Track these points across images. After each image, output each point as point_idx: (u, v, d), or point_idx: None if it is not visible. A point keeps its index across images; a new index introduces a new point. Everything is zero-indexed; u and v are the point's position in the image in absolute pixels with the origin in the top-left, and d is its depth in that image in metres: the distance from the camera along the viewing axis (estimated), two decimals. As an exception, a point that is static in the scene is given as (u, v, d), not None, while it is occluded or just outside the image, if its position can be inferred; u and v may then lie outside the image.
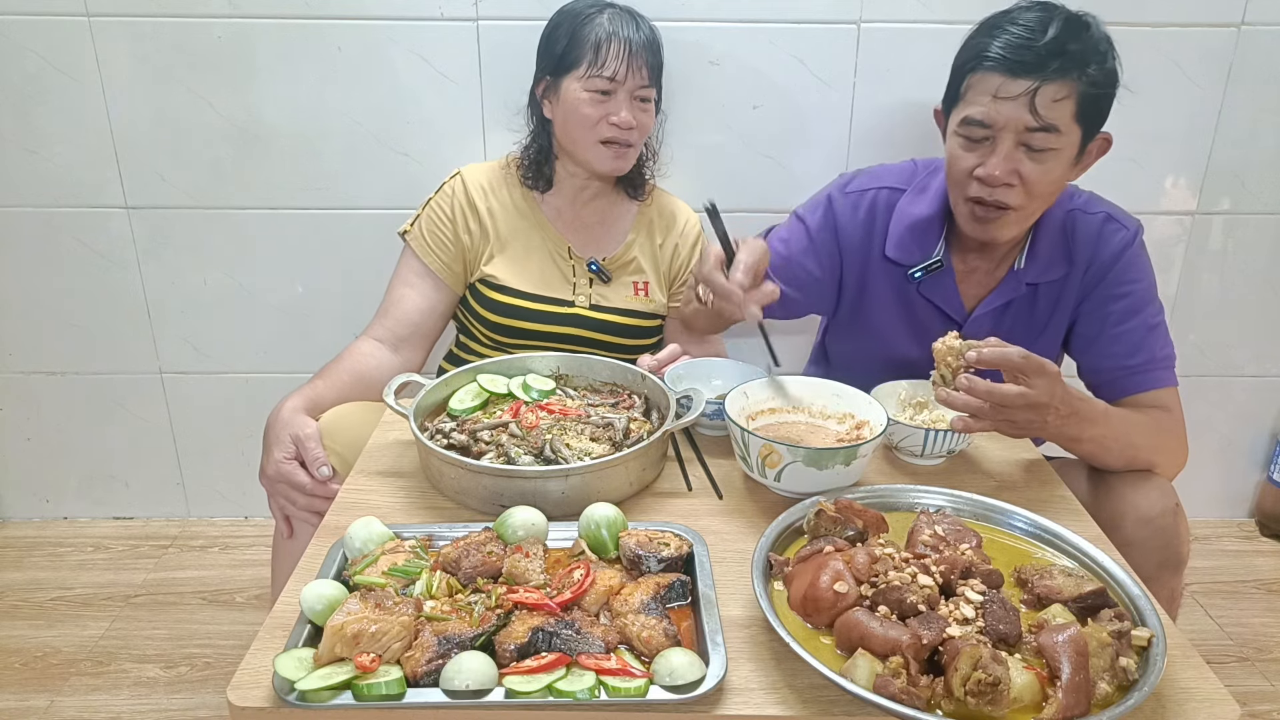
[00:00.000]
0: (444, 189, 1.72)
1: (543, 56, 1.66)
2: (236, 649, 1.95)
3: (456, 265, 1.70)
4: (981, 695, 0.78)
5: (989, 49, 1.30)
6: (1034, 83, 1.27)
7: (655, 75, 1.63)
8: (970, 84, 1.34)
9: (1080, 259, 1.47)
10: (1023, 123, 1.29)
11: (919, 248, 1.51)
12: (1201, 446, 2.40)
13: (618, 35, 1.57)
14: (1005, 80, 1.28)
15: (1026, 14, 1.31)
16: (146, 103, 1.99)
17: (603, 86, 1.57)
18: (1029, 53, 1.27)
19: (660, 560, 0.99)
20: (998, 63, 1.29)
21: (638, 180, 1.76)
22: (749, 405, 1.28)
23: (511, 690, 0.82)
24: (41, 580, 2.18)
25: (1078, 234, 1.47)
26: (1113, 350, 1.43)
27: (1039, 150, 1.31)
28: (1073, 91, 1.28)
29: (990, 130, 1.32)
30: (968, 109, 1.33)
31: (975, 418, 1.16)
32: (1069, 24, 1.28)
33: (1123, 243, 1.46)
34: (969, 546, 0.98)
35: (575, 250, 1.71)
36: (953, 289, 1.52)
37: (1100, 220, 1.48)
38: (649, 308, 1.75)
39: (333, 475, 1.39)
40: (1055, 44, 1.26)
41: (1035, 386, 1.14)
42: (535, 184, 1.71)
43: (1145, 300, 1.45)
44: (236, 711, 0.84)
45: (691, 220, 1.81)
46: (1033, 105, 1.27)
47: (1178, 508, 1.29)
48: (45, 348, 2.22)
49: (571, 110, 1.60)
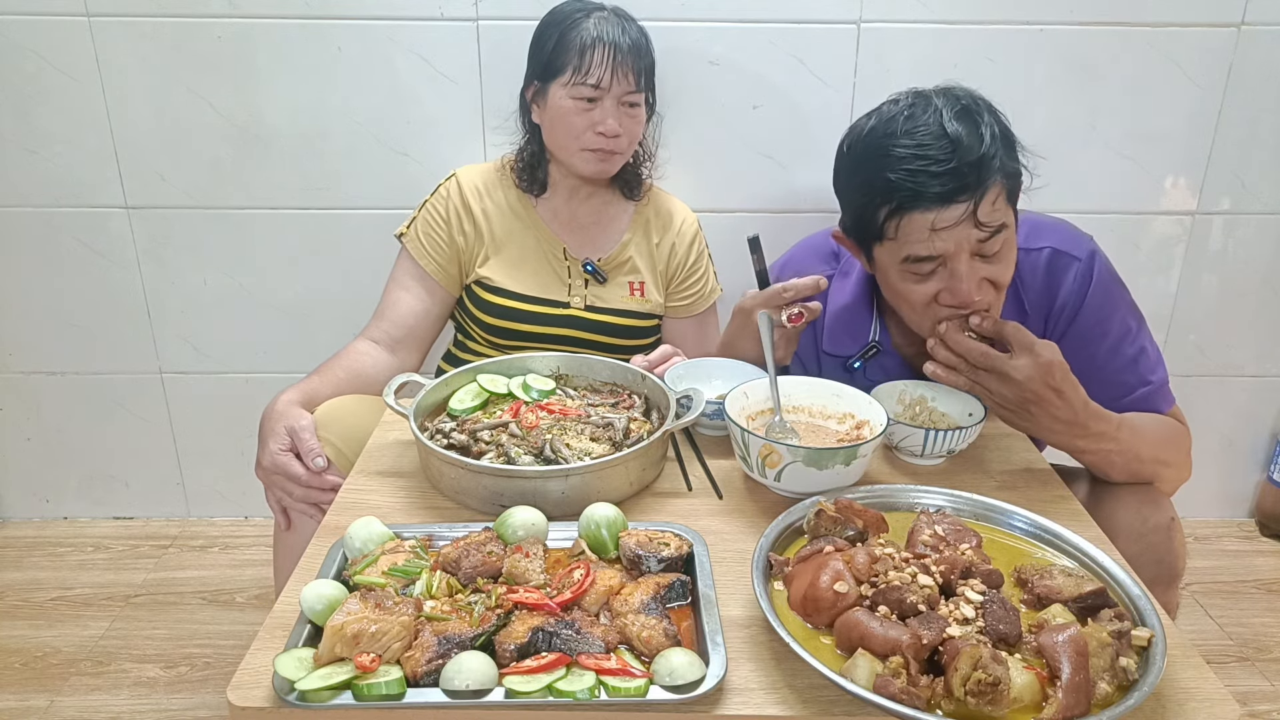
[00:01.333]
0: (439, 191, 1.72)
1: (531, 61, 1.65)
2: (236, 649, 1.95)
3: (451, 267, 1.70)
4: (981, 695, 0.78)
5: (900, 187, 1.17)
6: (969, 204, 1.16)
7: (644, 79, 1.61)
8: (898, 226, 1.20)
9: (1035, 304, 1.38)
10: (971, 240, 1.19)
11: (851, 337, 1.45)
12: (1202, 446, 2.37)
13: (603, 41, 1.55)
14: (938, 212, 1.17)
15: (911, 126, 1.18)
16: (146, 103, 1.99)
17: (588, 94, 1.56)
18: (949, 178, 1.15)
19: (660, 560, 0.99)
20: (921, 199, 1.16)
21: (633, 180, 1.76)
22: (749, 405, 1.28)
23: (511, 690, 0.82)
24: (41, 580, 2.18)
25: (1024, 277, 1.37)
26: (1105, 394, 1.32)
27: (994, 253, 1.22)
28: (1002, 187, 1.19)
29: (941, 258, 1.21)
30: (907, 249, 1.21)
31: (948, 369, 1.19)
32: (963, 119, 1.17)
33: (1078, 279, 1.35)
34: (969, 546, 0.98)
35: (571, 251, 1.71)
36: (899, 368, 1.46)
37: (1046, 258, 1.37)
38: (645, 308, 1.75)
39: (328, 466, 1.39)
40: (967, 153, 1.15)
41: (1014, 361, 1.14)
42: (530, 188, 1.71)
43: (1123, 332, 1.37)
44: (236, 711, 0.84)
45: (689, 220, 1.80)
46: (976, 222, 1.17)
47: (1173, 522, 1.26)
48: (45, 348, 2.22)
49: (558, 118, 1.59)
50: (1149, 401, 1.37)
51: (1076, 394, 1.17)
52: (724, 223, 2.09)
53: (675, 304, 1.80)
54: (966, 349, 1.16)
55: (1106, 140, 2.05)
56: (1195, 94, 2.02)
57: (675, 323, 1.81)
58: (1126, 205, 1.80)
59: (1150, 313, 1.53)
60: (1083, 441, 1.21)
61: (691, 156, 2.04)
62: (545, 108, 1.62)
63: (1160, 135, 2.05)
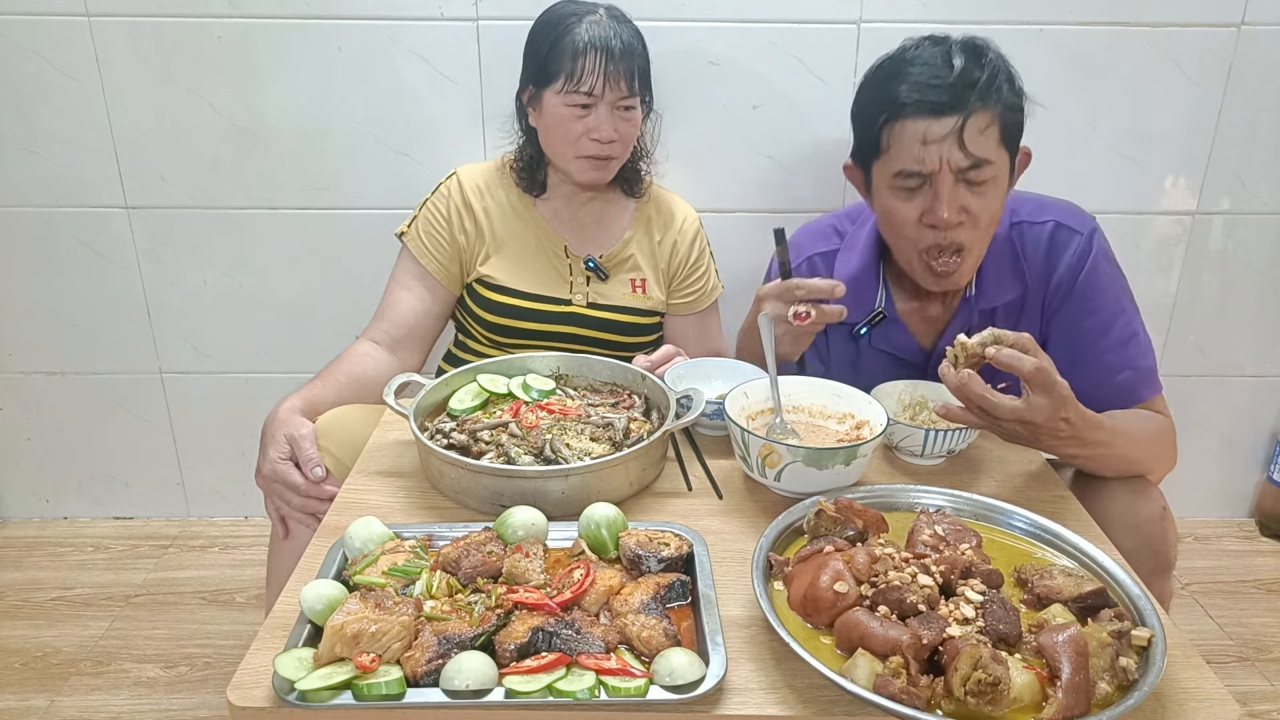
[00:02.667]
0: (440, 190, 1.72)
1: (526, 65, 1.64)
2: (236, 649, 1.95)
3: (453, 266, 1.70)
4: (981, 695, 0.78)
5: (899, 96, 1.27)
6: (958, 119, 1.25)
7: (639, 81, 1.60)
8: (891, 136, 1.30)
9: (1035, 275, 1.42)
10: (956, 161, 1.27)
11: (858, 304, 1.47)
12: (1201, 446, 2.40)
13: (595, 47, 1.53)
14: (929, 123, 1.26)
15: (921, 53, 1.29)
16: (146, 103, 1.99)
17: (582, 101, 1.56)
18: (943, 91, 1.25)
19: (660, 560, 0.99)
20: (915, 107, 1.26)
21: (633, 178, 1.76)
22: (749, 405, 1.28)
23: (511, 690, 0.82)
24: (41, 580, 2.18)
25: (1028, 250, 1.42)
26: (1093, 373, 1.38)
27: (978, 184, 1.29)
28: (994, 119, 1.27)
29: (926, 176, 1.30)
30: (897, 162, 1.30)
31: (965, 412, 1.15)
32: (970, 51, 1.27)
33: (1079, 253, 1.40)
34: (969, 546, 0.98)
35: (572, 249, 1.71)
36: (903, 335, 1.50)
37: (1049, 230, 1.42)
38: (647, 305, 1.75)
39: (326, 476, 1.39)
40: (966, 75, 1.25)
41: (1033, 405, 1.11)
42: (530, 188, 1.71)
43: (1116, 312, 1.40)
44: (236, 711, 0.84)
45: (690, 217, 1.81)
46: (961, 142, 1.26)
47: (1165, 511, 1.27)
48: (45, 348, 2.22)
49: (553, 124, 1.59)
50: (1136, 386, 1.38)
51: (1080, 415, 1.15)
52: (724, 223, 2.09)
53: (677, 302, 1.80)
54: (992, 406, 1.12)
55: (1106, 140, 2.05)
56: (1195, 94, 2.02)
57: (677, 320, 1.81)
58: (1126, 205, 1.79)
59: (1150, 313, 1.53)
60: (1075, 448, 1.20)
61: (691, 156, 2.04)
62: (541, 113, 1.62)
63: (1160, 135, 2.05)
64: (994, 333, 1.12)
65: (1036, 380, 1.09)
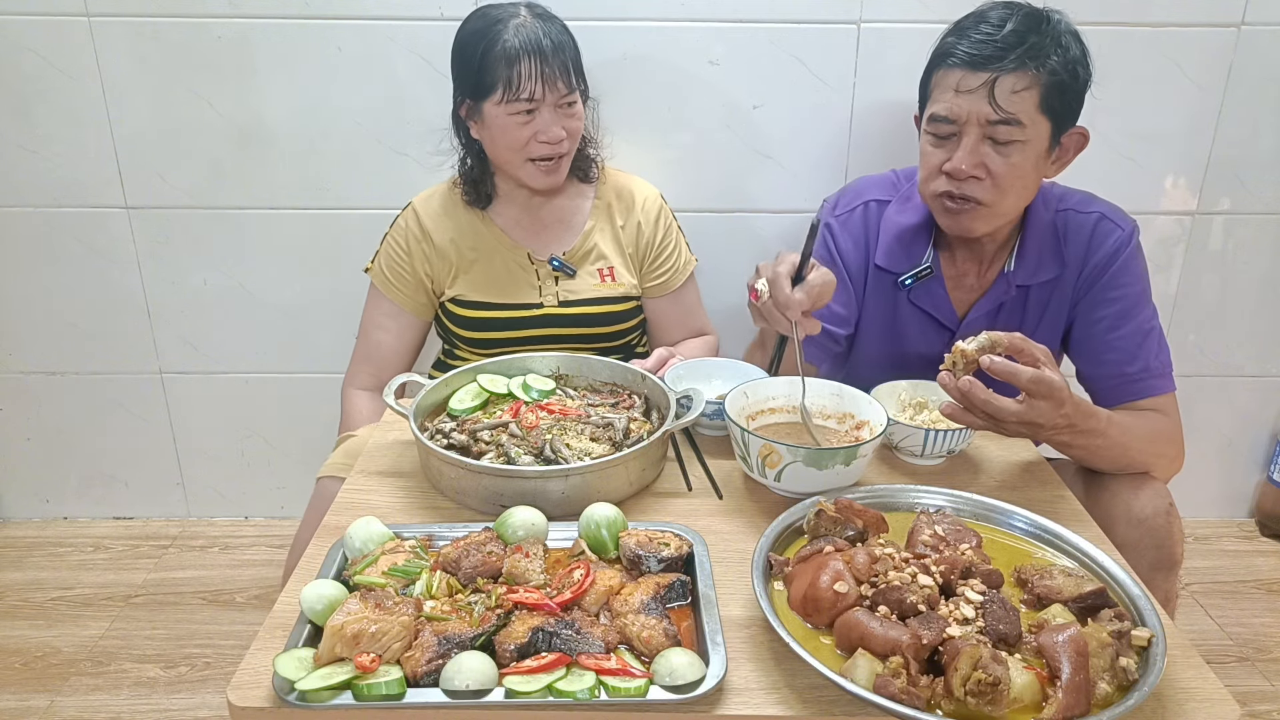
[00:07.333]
0: (398, 223, 1.73)
1: (457, 79, 1.62)
2: (236, 649, 1.95)
3: (420, 295, 1.73)
4: (981, 695, 0.78)
5: (954, 47, 1.34)
6: (992, 75, 1.30)
7: (574, 77, 1.59)
8: (935, 81, 1.38)
9: (1073, 260, 1.46)
10: (984, 115, 1.32)
11: (907, 256, 1.52)
12: (1201, 446, 2.40)
13: (528, 51, 1.52)
14: (965, 74, 1.32)
15: (992, 12, 1.35)
16: (146, 103, 1.99)
17: (524, 108, 1.55)
18: (988, 46, 1.31)
19: (660, 560, 0.99)
20: (959, 58, 1.33)
21: (586, 165, 1.75)
22: (749, 405, 1.28)
23: (511, 690, 0.82)
24: (41, 580, 2.18)
25: (1070, 235, 1.47)
26: (1108, 357, 1.42)
27: (1004, 143, 1.33)
28: (1034, 82, 1.31)
29: (955, 125, 1.35)
30: (934, 106, 1.37)
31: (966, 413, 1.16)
32: (1029, 18, 1.32)
33: (1117, 244, 1.45)
34: (969, 546, 0.98)
35: (535, 254, 1.71)
36: (943, 295, 1.52)
37: (1094, 220, 1.47)
38: (618, 291, 1.74)
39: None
40: (1014, 36, 1.30)
41: (1035, 408, 1.13)
42: (475, 201, 1.71)
43: (1139, 305, 1.44)
44: (236, 711, 0.84)
45: (650, 196, 1.79)
46: (992, 97, 1.31)
47: (1171, 508, 1.28)
48: (45, 348, 2.22)
49: (498, 134, 1.59)
50: (1147, 378, 1.40)
51: (1075, 407, 1.17)
52: (724, 223, 2.09)
53: (652, 283, 1.79)
54: (996, 410, 1.13)
55: (1106, 140, 2.05)
56: (1195, 94, 2.02)
57: (655, 302, 1.80)
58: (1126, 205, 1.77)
59: (1150, 312, 1.53)
60: (1067, 436, 1.21)
61: (692, 156, 2.04)
62: (484, 125, 1.61)
63: (1160, 135, 2.05)
64: (989, 336, 1.14)
65: (1035, 390, 1.12)
